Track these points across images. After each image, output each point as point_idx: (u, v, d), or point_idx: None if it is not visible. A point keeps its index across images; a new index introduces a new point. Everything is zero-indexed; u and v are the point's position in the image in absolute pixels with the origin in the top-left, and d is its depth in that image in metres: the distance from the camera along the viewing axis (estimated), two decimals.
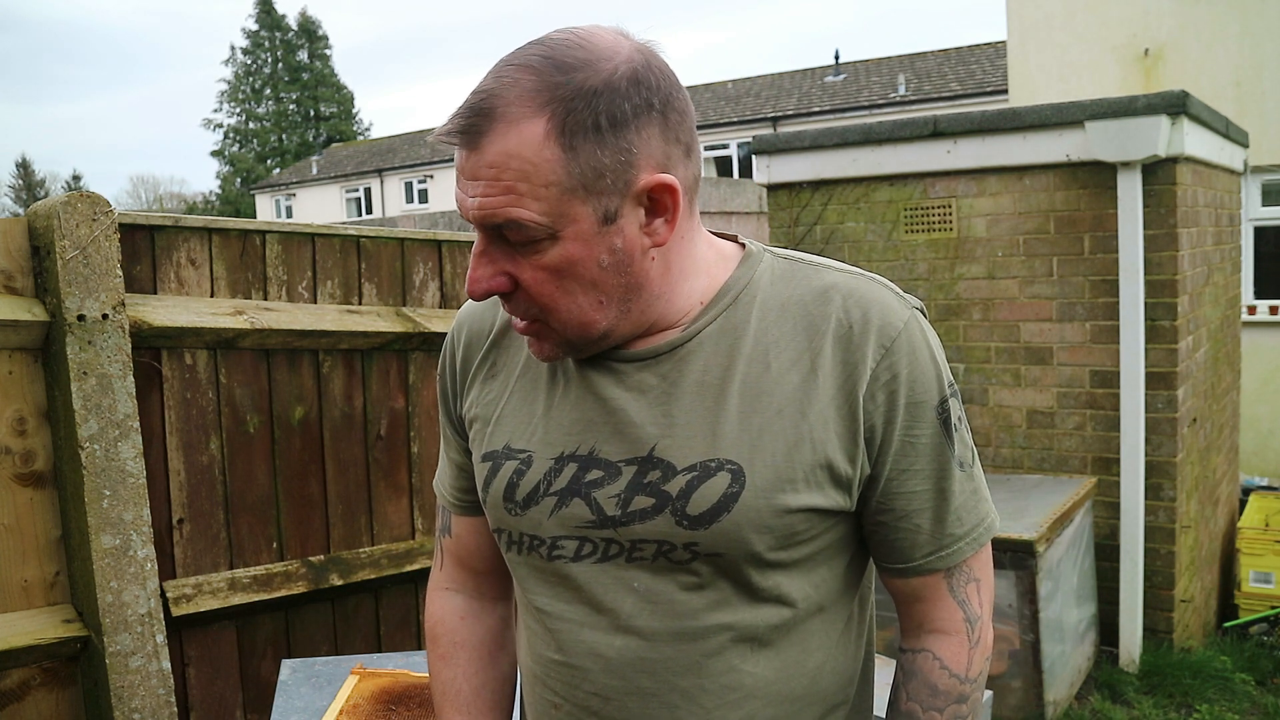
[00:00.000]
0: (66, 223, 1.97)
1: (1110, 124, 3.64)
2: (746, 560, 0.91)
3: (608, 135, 0.85)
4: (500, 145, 0.85)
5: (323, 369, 2.51)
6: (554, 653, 0.99)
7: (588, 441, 0.95)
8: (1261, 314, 6.87)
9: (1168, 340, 3.73)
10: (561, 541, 0.96)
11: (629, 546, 0.93)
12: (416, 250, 2.72)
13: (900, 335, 0.93)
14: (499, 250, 0.90)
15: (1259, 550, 4.44)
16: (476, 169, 0.87)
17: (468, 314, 1.11)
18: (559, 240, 0.88)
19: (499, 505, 1.00)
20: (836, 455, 0.92)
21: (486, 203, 0.86)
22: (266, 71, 43.95)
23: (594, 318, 0.92)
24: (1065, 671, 3.43)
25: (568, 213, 0.86)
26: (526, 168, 0.85)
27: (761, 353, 0.94)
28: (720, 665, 0.94)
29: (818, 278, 0.97)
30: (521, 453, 0.99)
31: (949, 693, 1.01)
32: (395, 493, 2.66)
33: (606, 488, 0.94)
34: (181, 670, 2.27)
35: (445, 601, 1.17)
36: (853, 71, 21.08)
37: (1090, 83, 7.63)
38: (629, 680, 0.95)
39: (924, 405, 0.94)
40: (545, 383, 1.00)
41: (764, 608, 0.94)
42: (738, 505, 0.90)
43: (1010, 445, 4.07)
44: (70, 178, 47.00)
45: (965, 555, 0.99)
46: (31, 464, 2.06)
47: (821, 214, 4.39)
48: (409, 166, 26.49)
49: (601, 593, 0.95)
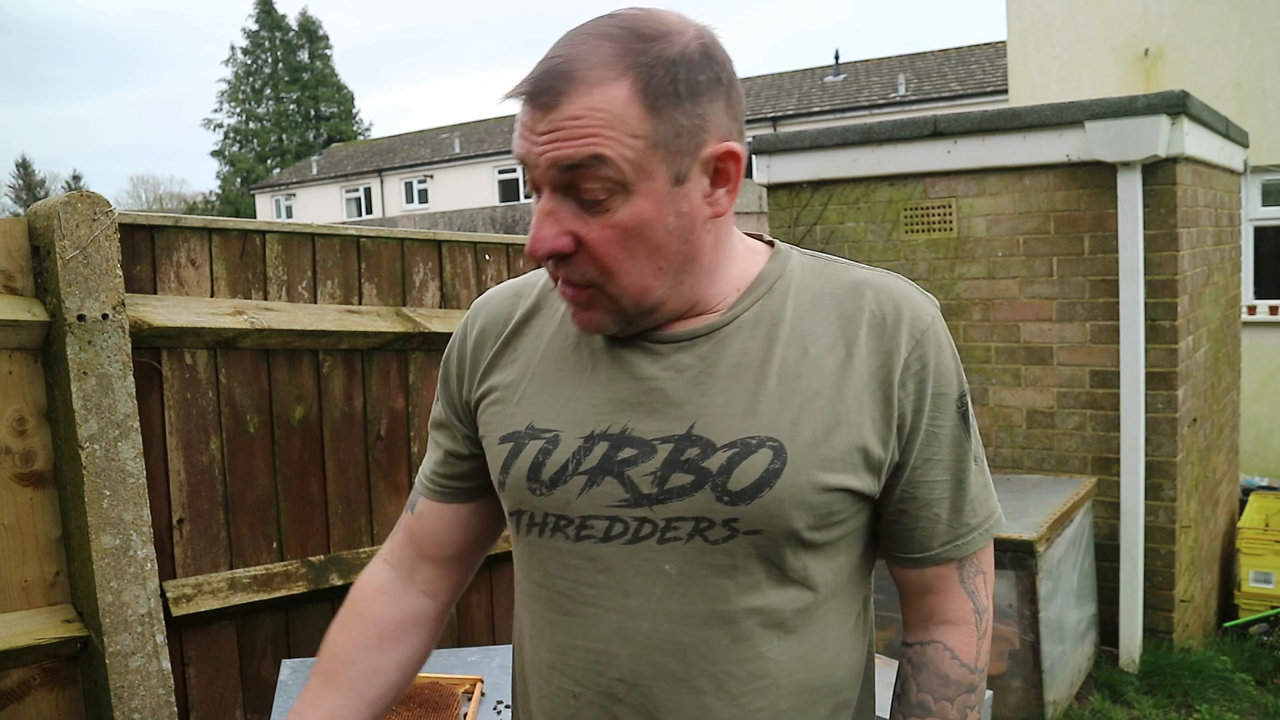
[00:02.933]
0: (66, 223, 1.97)
1: (1110, 124, 3.64)
2: (785, 538, 0.92)
3: (685, 101, 0.88)
4: (585, 101, 0.86)
5: (323, 369, 2.51)
6: (576, 639, 0.97)
7: (619, 420, 0.95)
8: (1261, 314, 6.87)
9: (1168, 340, 3.73)
10: (591, 521, 0.95)
11: (663, 526, 0.92)
12: (416, 250, 2.72)
13: (929, 329, 0.97)
14: (566, 210, 0.90)
15: (1259, 550, 4.44)
16: (557, 122, 0.86)
17: (484, 303, 1.11)
18: (631, 196, 0.88)
19: (521, 485, 0.98)
20: (871, 439, 0.94)
21: (568, 145, 0.86)
22: (267, 71, 43.96)
23: (652, 284, 0.92)
24: (1065, 671, 3.43)
25: (646, 168, 0.88)
26: (613, 119, 0.86)
27: (798, 338, 0.96)
28: (748, 651, 0.94)
29: (846, 273, 1.01)
30: (547, 432, 0.97)
31: (960, 682, 1.03)
32: (395, 493, 2.66)
33: (641, 465, 0.93)
34: (181, 670, 2.27)
35: (374, 570, 1.15)
36: (853, 71, 21.09)
37: (1090, 83, 7.63)
38: (658, 665, 0.94)
39: (947, 397, 0.98)
40: (571, 365, 1.00)
41: (790, 590, 0.95)
42: (780, 481, 0.90)
43: (1010, 445, 4.07)
44: (70, 178, 47.05)
45: (977, 546, 1.02)
46: (31, 464, 2.06)
47: (821, 214, 4.39)
48: (409, 166, 26.50)
49: (632, 574, 0.94)
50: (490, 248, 2.90)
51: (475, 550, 1.16)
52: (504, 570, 2.87)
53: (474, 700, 1.88)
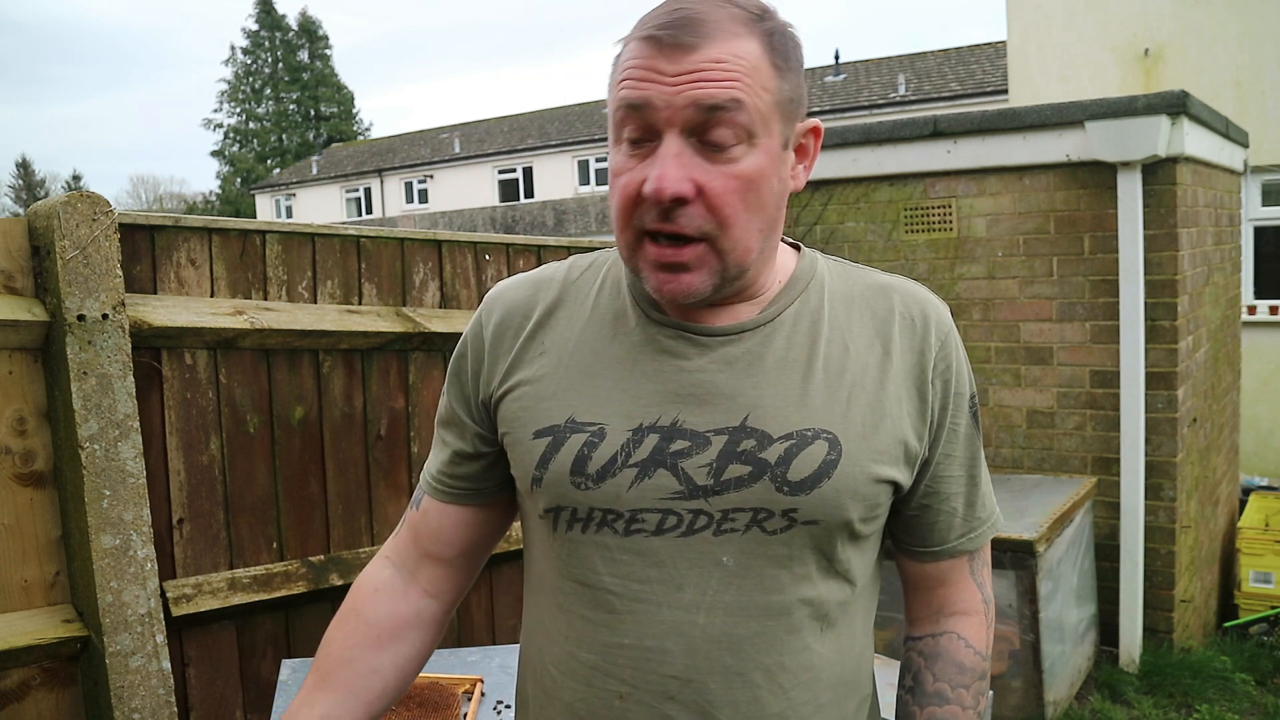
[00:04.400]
0: (66, 223, 1.97)
1: (1110, 124, 3.64)
2: (840, 529, 0.93)
3: (795, 71, 0.92)
4: (728, 46, 0.87)
5: (323, 369, 2.51)
6: (624, 637, 0.94)
7: (669, 412, 0.94)
8: (1261, 314, 6.88)
9: (1168, 340, 3.73)
10: (642, 515, 0.93)
11: (719, 518, 0.92)
12: (416, 250, 2.72)
13: (950, 332, 1.02)
14: (690, 157, 0.88)
15: (1259, 550, 4.44)
16: (697, 64, 0.86)
17: (498, 296, 1.07)
18: (754, 148, 0.89)
19: (563, 480, 0.95)
20: (909, 433, 0.97)
21: (710, 86, 0.86)
22: (267, 71, 43.96)
23: (754, 244, 0.93)
24: (1065, 671, 3.43)
25: (770, 123, 0.90)
26: (751, 69, 0.88)
27: (839, 335, 0.98)
28: (798, 643, 0.95)
29: (869, 277, 1.04)
30: (591, 425, 0.95)
31: (974, 669, 1.06)
32: (395, 493, 2.66)
33: (695, 457, 0.92)
34: (181, 670, 2.27)
35: (375, 568, 1.13)
36: (853, 71, 21.09)
37: (1090, 83, 7.63)
38: (713, 659, 0.93)
39: (964, 396, 1.02)
40: (610, 358, 0.98)
41: (834, 583, 0.96)
42: (837, 472, 0.92)
43: (1010, 445, 4.07)
44: (70, 178, 47.06)
45: (987, 539, 1.07)
46: (31, 464, 2.06)
47: (821, 214, 4.39)
48: (409, 166, 26.49)
49: (686, 567, 0.93)
50: (490, 248, 2.90)
51: (480, 550, 1.14)
52: (504, 570, 2.87)
53: (474, 700, 1.88)
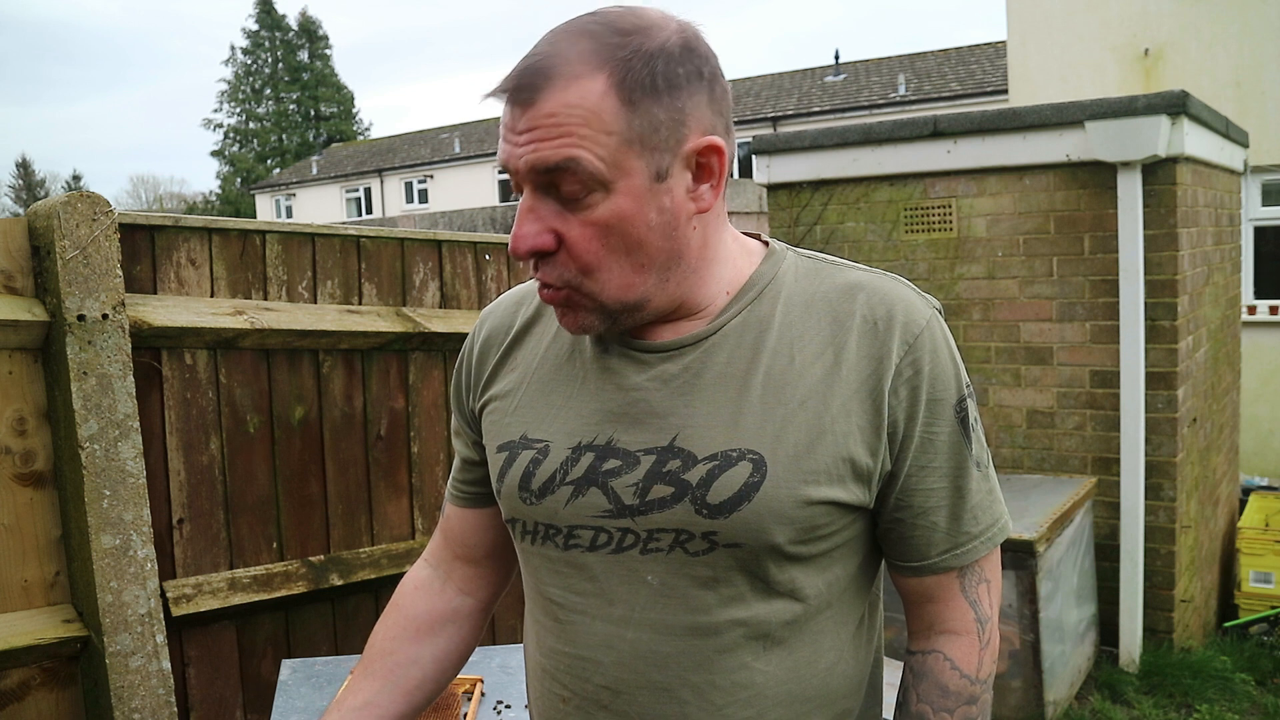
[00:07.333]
0: (66, 223, 1.97)
1: (1110, 124, 3.64)
2: (765, 552, 0.91)
3: (663, 95, 0.87)
4: (560, 98, 0.85)
5: (323, 369, 2.51)
6: (565, 645, 0.98)
7: (605, 431, 0.95)
8: (1261, 314, 6.88)
9: (1168, 340, 3.73)
10: (578, 531, 0.96)
11: (645, 537, 0.93)
12: (416, 250, 2.72)
13: (923, 333, 0.94)
14: (547, 208, 0.89)
15: (1259, 550, 4.44)
16: (534, 120, 0.86)
17: (490, 312, 1.12)
18: (611, 193, 0.87)
19: (514, 494, 0.99)
20: (858, 449, 0.92)
21: (543, 147, 0.86)
22: (266, 71, 43.95)
23: (634, 280, 0.91)
24: (1065, 671, 3.43)
25: (624, 164, 0.87)
26: (588, 116, 0.85)
27: (786, 346, 0.94)
28: (732, 662, 0.93)
29: (841, 275, 0.99)
30: (538, 442, 0.98)
31: (960, 693, 1.00)
32: (395, 493, 2.66)
33: (624, 477, 0.93)
34: (181, 670, 2.27)
35: (416, 569, 1.20)
36: (853, 71, 21.09)
37: (1090, 83, 7.63)
38: (640, 674, 0.94)
39: (943, 403, 0.95)
40: (564, 375, 1.00)
41: (777, 602, 0.94)
42: (759, 495, 0.90)
43: (1010, 445, 4.07)
44: (70, 178, 47.06)
45: (979, 555, 0.99)
46: (31, 464, 2.06)
47: (821, 214, 4.39)
48: (409, 166, 26.49)
49: (616, 583, 0.95)
50: (490, 248, 2.90)
51: (506, 550, 1.17)
52: None
53: (474, 700, 1.87)
